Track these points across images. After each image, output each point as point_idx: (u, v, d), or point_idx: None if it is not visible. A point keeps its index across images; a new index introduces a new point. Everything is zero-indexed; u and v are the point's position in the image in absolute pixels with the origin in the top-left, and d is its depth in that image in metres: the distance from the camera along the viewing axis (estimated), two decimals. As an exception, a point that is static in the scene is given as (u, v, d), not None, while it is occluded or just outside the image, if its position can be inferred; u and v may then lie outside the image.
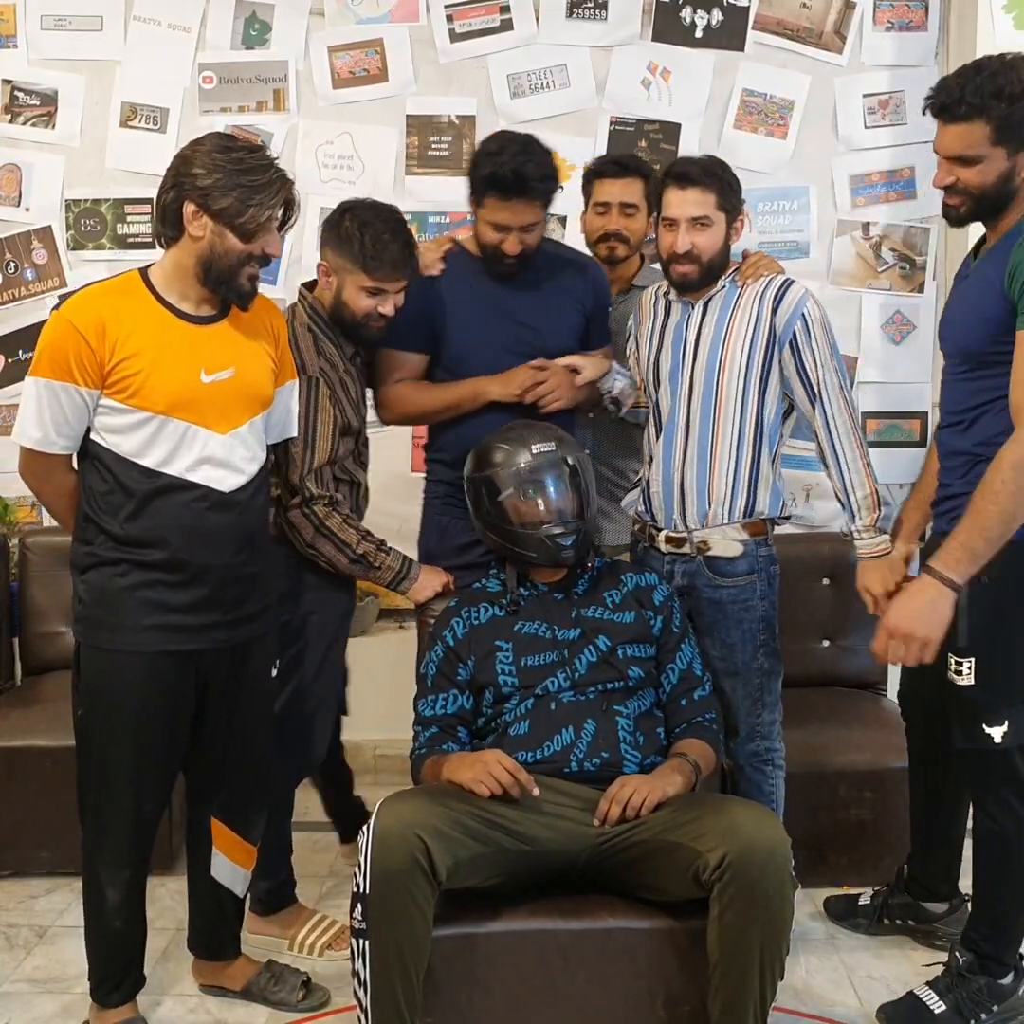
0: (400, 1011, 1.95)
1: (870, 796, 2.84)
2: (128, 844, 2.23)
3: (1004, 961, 2.32)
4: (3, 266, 3.61)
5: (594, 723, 2.19)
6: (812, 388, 2.40)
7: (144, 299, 2.11)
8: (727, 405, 2.45)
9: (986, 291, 2.12)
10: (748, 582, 2.48)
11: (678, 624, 2.36)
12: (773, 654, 2.55)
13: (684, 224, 2.38)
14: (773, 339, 2.42)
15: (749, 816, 1.99)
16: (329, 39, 3.55)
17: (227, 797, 2.37)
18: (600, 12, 3.53)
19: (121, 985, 2.30)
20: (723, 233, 2.42)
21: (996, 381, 2.12)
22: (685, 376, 2.48)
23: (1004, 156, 2.07)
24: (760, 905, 1.91)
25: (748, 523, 2.47)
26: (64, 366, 2.05)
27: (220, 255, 2.07)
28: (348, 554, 2.47)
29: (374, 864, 1.91)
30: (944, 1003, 2.32)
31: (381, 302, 2.44)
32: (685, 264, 2.41)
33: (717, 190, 2.39)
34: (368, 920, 1.93)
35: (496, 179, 2.42)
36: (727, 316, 2.45)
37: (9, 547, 3.38)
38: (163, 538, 2.11)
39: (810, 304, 2.41)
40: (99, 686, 2.17)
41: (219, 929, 2.47)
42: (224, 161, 2.04)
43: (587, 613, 2.31)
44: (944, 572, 2.04)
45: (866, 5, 3.53)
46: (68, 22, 3.53)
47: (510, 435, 2.37)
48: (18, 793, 2.92)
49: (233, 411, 2.16)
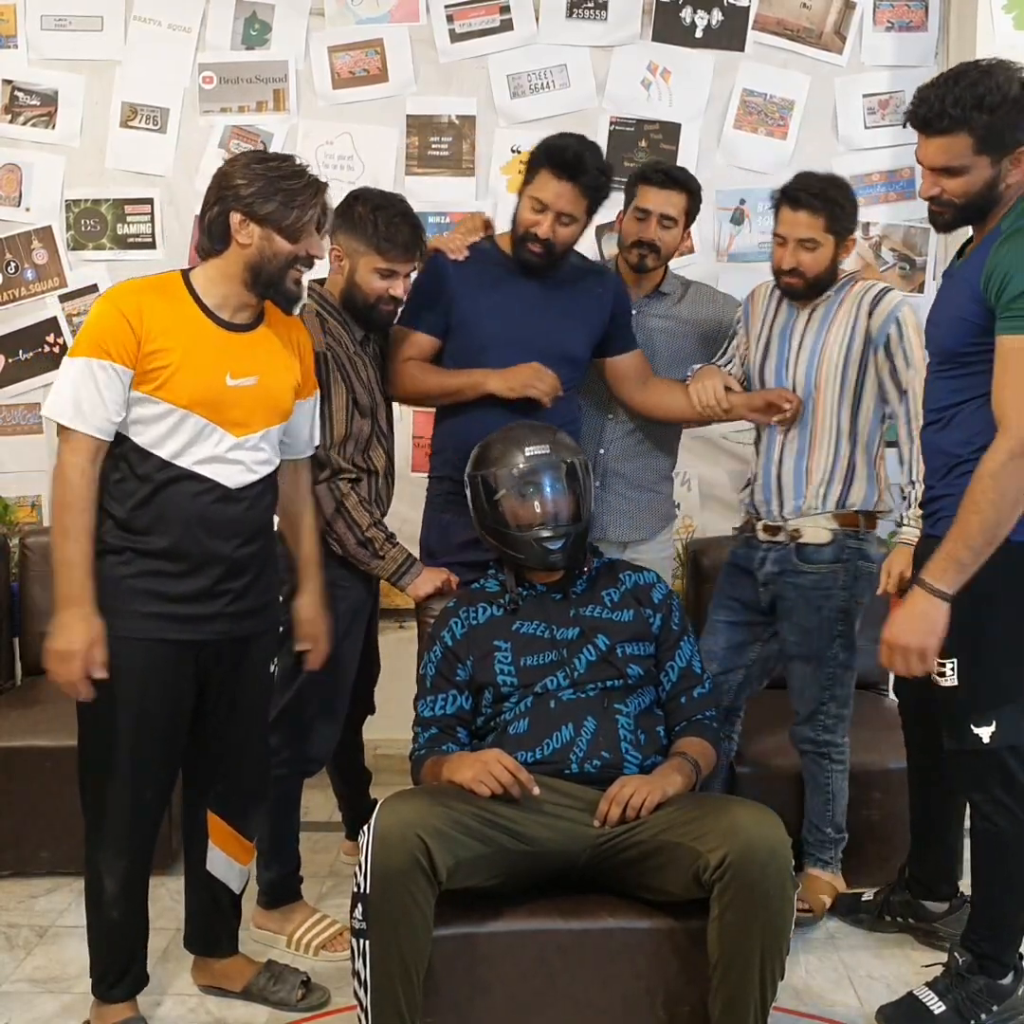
0: (400, 1011, 1.94)
1: (879, 796, 2.85)
2: (127, 832, 2.24)
3: (1003, 961, 2.32)
4: (3, 266, 3.61)
5: (594, 720, 2.19)
6: (901, 388, 2.58)
7: (183, 299, 2.18)
8: (824, 403, 2.63)
9: (965, 291, 2.13)
10: (831, 570, 2.61)
11: (677, 622, 2.36)
12: (850, 647, 2.66)
13: (792, 244, 2.59)
14: (868, 341, 2.60)
15: (750, 816, 1.99)
16: (329, 39, 3.55)
17: (223, 791, 2.38)
18: (600, 12, 3.53)
19: (122, 981, 2.30)
20: (830, 253, 2.60)
21: (973, 380, 2.13)
22: (789, 375, 2.67)
23: (988, 164, 2.06)
24: (760, 905, 1.91)
25: (840, 514, 2.63)
26: (103, 344, 2.09)
27: (269, 258, 2.16)
28: (357, 535, 2.49)
29: (374, 864, 1.91)
30: (944, 1004, 2.32)
31: (392, 284, 2.49)
32: (791, 277, 2.63)
33: (827, 215, 2.56)
34: (368, 920, 1.93)
35: (558, 151, 2.50)
36: (828, 320, 2.65)
37: (9, 547, 3.39)
38: (168, 527, 2.15)
39: (905, 310, 2.60)
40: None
41: (215, 925, 2.47)
42: (263, 170, 2.15)
43: (585, 612, 2.31)
44: (933, 583, 2.05)
45: (866, 5, 3.53)
46: (68, 22, 3.53)
47: (508, 435, 2.38)
48: (18, 793, 2.92)
49: (252, 417, 2.21)
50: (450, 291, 2.61)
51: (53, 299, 3.61)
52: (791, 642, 2.68)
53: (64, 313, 3.61)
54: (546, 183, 2.51)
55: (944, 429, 2.22)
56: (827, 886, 2.78)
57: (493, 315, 2.61)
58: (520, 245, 2.59)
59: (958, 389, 2.18)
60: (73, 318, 3.59)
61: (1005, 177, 2.07)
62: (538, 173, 2.52)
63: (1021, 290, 2.00)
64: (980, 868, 2.32)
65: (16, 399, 3.64)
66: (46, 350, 3.62)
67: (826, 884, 2.78)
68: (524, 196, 2.56)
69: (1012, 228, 2.08)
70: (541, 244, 2.55)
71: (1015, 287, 2.00)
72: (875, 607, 2.69)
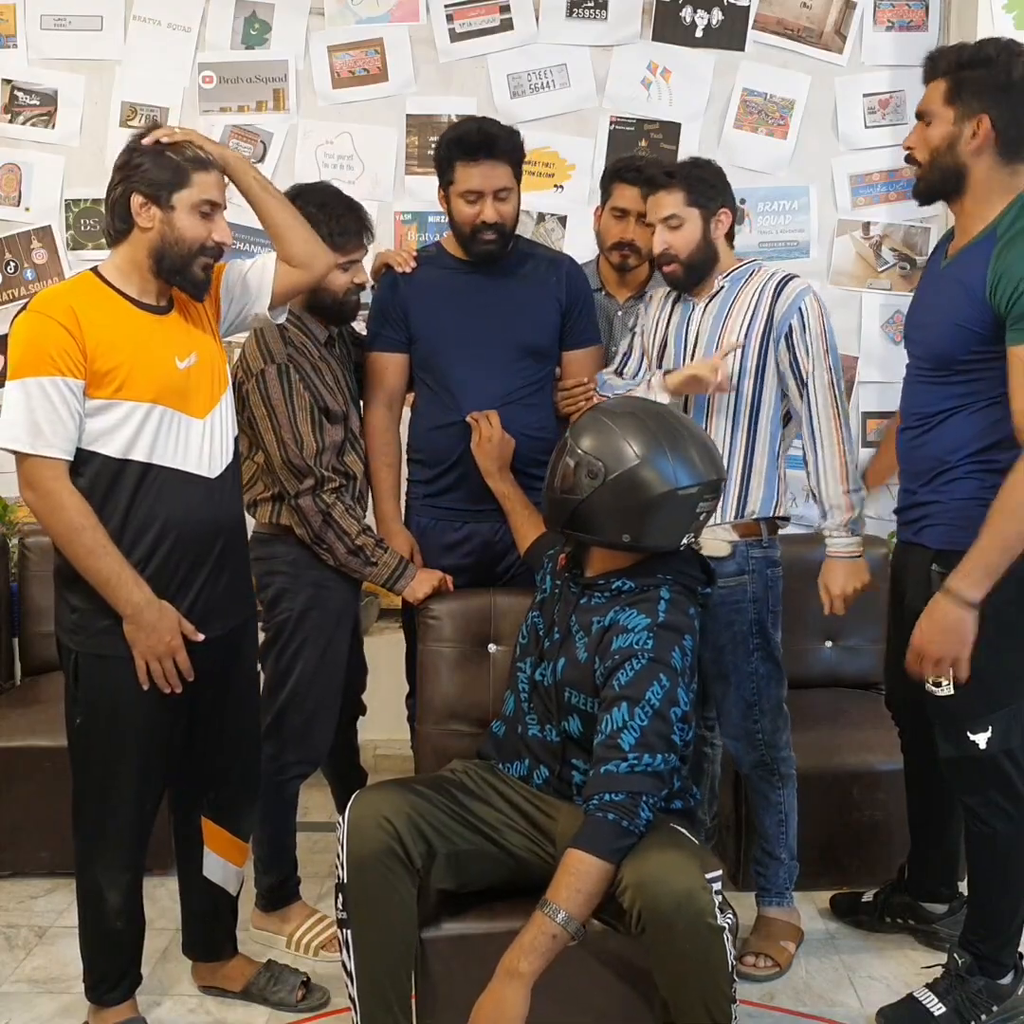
0: (386, 998, 1.95)
1: (883, 797, 2.82)
2: (131, 847, 2.23)
3: (1002, 962, 2.32)
4: (3, 266, 3.61)
5: (547, 770, 2.14)
6: (802, 382, 2.39)
7: (107, 294, 2.11)
8: (719, 407, 2.44)
9: (963, 296, 2.10)
10: (739, 583, 2.43)
11: (623, 682, 1.96)
12: (770, 659, 2.49)
13: (658, 226, 2.44)
14: (769, 332, 2.40)
15: (660, 866, 1.84)
16: (329, 39, 3.54)
17: (216, 794, 2.37)
18: (600, 12, 3.53)
19: (120, 983, 2.30)
20: (698, 229, 2.43)
21: (967, 387, 2.13)
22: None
23: (952, 119, 2.09)
24: (683, 957, 1.82)
25: (739, 524, 2.44)
26: (47, 360, 1.99)
27: (171, 243, 2.10)
28: (347, 543, 2.47)
29: (349, 852, 1.94)
30: (944, 1005, 2.31)
31: (354, 274, 2.52)
32: (667, 265, 2.46)
33: (685, 188, 2.42)
34: (348, 908, 1.95)
35: (462, 141, 2.49)
36: (726, 310, 2.45)
37: (9, 547, 3.38)
38: (159, 536, 2.11)
39: (809, 299, 2.40)
40: (101, 693, 2.15)
41: (215, 930, 2.47)
42: (165, 149, 2.11)
43: (574, 624, 2.11)
44: (964, 593, 2.05)
45: (866, 5, 3.53)
46: (68, 22, 3.53)
47: (696, 470, 2.06)
48: (18, 793, 2.92)
49: (206, 394, 2.18)
50: (403, 303, 2.62)
51: (53, 299, 3.61)
52: (705, 660, 2.43)
53: (64, 313, 3.61)
54: (468, 173, 2.49)
55: (929, 434, 2.20)
56: (789, 929, 2.60)
57: (449, 317, 2.60)
58: (472, 241, 2.55)
59: (950, 396, 2.16)
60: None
61: (966, 142, 2.09)
62: (454, 169, 2.50)
63: None
64: (976, 870, 2.32)
65: (16, 399, 3.64)
66: (46, 350, 3.63)
67: (787, 927, 2.61)
68: (452, 196, 2.54)
69: (1013, 231, 2.06)
70: (492, 229, 2.53)
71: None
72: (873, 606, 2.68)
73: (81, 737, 2.19)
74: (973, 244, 2.12)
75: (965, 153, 2.09)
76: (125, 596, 2.06)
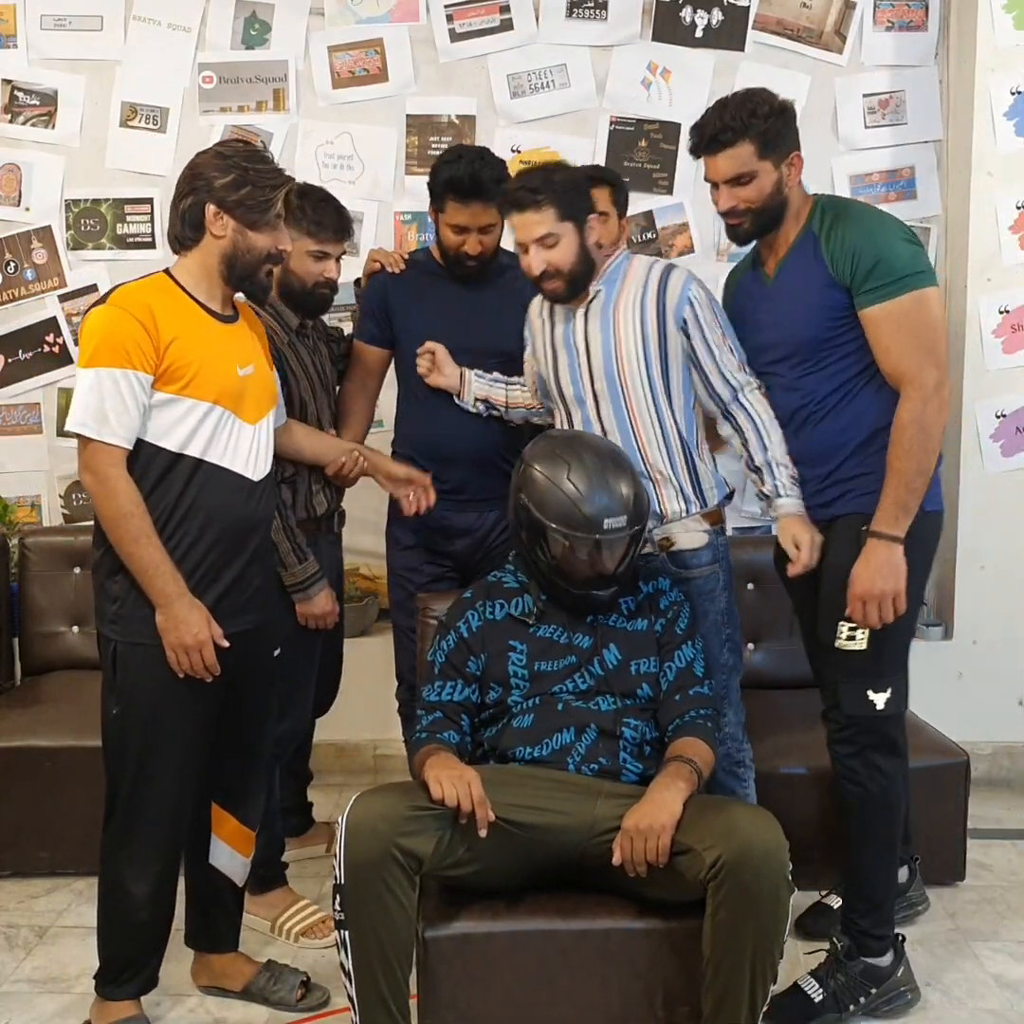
0: (384, 999, 1.96)
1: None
2: (165, 837, 2.25)
3: (879, 935, 2.34)
4: (3, 266, 3.61)
5: (596, 729, 2.19)
6: (704, 371, 2.40)
7: (179, 296, 2.20)
8: (639, 406, 2.42)
9: (811, 285, 2.27)
10: (712, 572, 2.45)
11: (682, 627, 2.31)
12: (735, 650, 2.51)
13: (533, 247, 2.35)
14: (664, 326, 2.38)
15: (747, 818, 1.99)
16: (329, 39, 3.55)
17: (227, 781, 2.38)
18: (600, 12, 3.53)
19: (134, 978, 2.30)
20: (575, 242, 2.35)
21: (841, 364, 2.29)
22: (587, 387, 2.44)
23: (771, 168, 2.28)
24: (753, 907, 1.91)
25: (707, 513, 2.46)
26: (122, 352, 2.08)
27: (243, 251, 2.19)
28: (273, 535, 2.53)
29: (347, 856, 1.95)
30: (824, 991, 2.34)
31: (326, 266, 2.59)
32: (548, 283, 2.39)
33: (554, 203, 2.33)
34: (346, 911, 1.96)
35: (454, 183, 2.62)
36: (609, 316, 2.42)
37: (9, 547, 3.38)
38: (202, 528, 2.18)
39: (694, 287, 2.39)
40: (140, 681, 2.19)
41: (219, 920, 2.47)
42: (236, 162, 2.18)
43: (603, 619, 2.29)
44: (888, 531, 2.21)
45: (866, 5, 3.53)
46: (68, 22, 3.53)
47: (590, 490, 2.23)
48: (18, 793, 2.92)
49: (259, 404, 2.28)
50: (390, 303, 2.78)
51: (53, 299, 3.61)
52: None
53: (64, 313, 3.61)
54: (457, 211, 2.64)
55: (828, 416, 2.32)
56: None
57: (430, 320, 2.74)
58: (455, 264, 2.73)
59: (835, 376, 2.30)
60: (72, 318, 3.59)
61: (787, 181, 2.29)
62: (446, 202, 2.65)
63: (871, 263, 2.19)
64: (852, 839, 2.36)
65: (16, 399, 3.64)
66: (45, 350, 3.63)
67: None
68: (441, 224, 2.70)
69: (829, 220, 2.27)
70: (474, 259, 2.69)
71: (866, 262, 2.20)
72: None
73: (117, 727, 2.21)
74: (793, 250, 2.32)
75: (788, 188, 2.31)
76: (160, 586, 2.12)
